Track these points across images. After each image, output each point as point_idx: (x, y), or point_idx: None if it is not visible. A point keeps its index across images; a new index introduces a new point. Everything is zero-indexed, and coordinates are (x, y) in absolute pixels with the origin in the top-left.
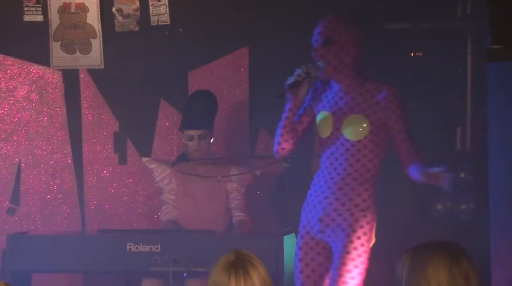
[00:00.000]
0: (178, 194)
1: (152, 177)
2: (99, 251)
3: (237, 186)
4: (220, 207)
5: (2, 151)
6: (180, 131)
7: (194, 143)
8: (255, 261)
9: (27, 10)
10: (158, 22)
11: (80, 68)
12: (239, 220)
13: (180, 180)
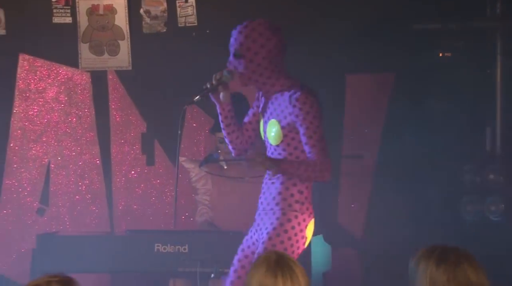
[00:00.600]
0: (214, 195)
1: (180, 177)
2: (127, 252)
3: None
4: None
5: (31, 152)
6: (211, 133)
7: (225, 145)
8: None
9: (56, 12)
10: (185, 23)
11: (108, 69)
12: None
13: (216, 181)
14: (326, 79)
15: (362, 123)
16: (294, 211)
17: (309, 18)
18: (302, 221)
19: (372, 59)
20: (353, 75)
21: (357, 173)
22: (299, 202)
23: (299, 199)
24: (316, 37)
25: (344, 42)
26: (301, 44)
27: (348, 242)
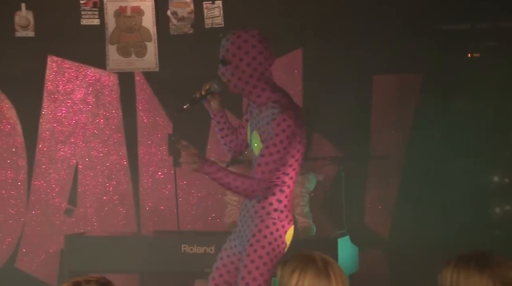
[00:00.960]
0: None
1: (207, 178)
2: (154, 252)
3: (300, 192)
4: None
5: (59, 153)
6: None
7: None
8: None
9: (84, 14)
10: (212, 24)
11: (136, 71)
12: (304, 227)
13: None
14: (353, 80)
15: (389, 124)
16: (272, 218)
17: (335, 19)
18: (281, 228)
19: (400, 59)
20: (380, 75)
21: (384, 174)
22: (277, 210)
23: (277, 208)
24: (343, 38)
25: (371, 43)
26: (328, 45)
27: (375, 243)
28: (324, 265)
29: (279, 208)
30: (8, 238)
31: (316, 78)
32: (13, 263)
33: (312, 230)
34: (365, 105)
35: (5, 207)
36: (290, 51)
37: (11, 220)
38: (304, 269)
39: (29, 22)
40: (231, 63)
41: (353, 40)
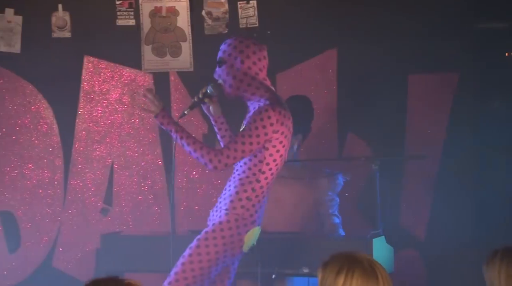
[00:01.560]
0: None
1: None
2: None
3: (327, 192)
4: (308, 211)
5: (95, 153)
6: None
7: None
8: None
9: (120, 15)
10: (246, 24)
11: (170, 71)
12: (332, 228)
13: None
14: (388, 80)
15: (425, 123)
16: (236, 214)
17: (370, 18)
18: (243, 226)
19: (436, 59)
20: (416, 75)
21: (420, 173)
22: (244, 208)
23: (244, 205)
24: (378, 37)
25: (407, 42)
26: (363, 44)
27: (411, 243)
28: (370, 265)
29: (246, 206)
30: (45, 237)
31: (351, 78)
32: (50, 262)
33: (338, 230)
34: (400, 105)
35: (42, 206)
36: (325, 50)
37: (48, 219)
38: (350, 270)
39: (66, 23)
40: (226, 63)
41: (388, 39)
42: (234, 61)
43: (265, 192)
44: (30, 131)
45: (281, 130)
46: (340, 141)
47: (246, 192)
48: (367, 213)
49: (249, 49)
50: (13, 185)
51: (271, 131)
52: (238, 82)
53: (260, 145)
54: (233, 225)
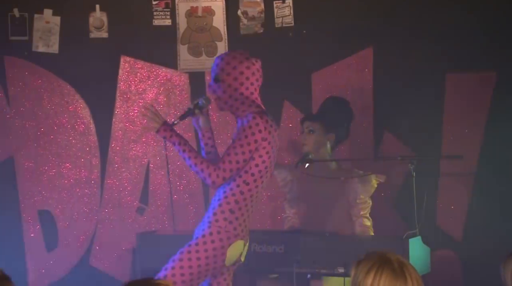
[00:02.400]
0: (300, 199)
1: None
2: None
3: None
4: (342, 211)
5: (132, 152)
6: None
7: (303, 136)
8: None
9: (156, 15)
10: (282, 24)
11: (206, 70)
12: (362, 230)
13: (301, 185)
14: (425, 78)
15: (463, 123)
16: (218, 227)
17: (407, 16)
18: (226, 239)
19: (474, 57)
20: (453, 74)
21: (457, 173)
22: (227, 220)
23: (227, 217)
24: (415, 35)
25: (444, 40)
26: (399, 42)
27: (448, 244)
28: (400, 266)
29: (228, 218)
30: (82, 236)
31: (387, 77)
32: (87, 260)
33: (369, 232)
34: (438, 104)
35: (79, 205)
36: (361, 49)
37: (85, 218)
38: (380, 269)
39: (103, 23)
40: (224, 82)
41: (425, 37)
42: (233, 82)
43: (249, 205)
44: (67, 131)
45: (268, 139)
46: (376, 141)
47: (229, 204)
48: (403, 213)
49: (249, 70)
50: (51, 184)
51: (260, 138)
52: (233, 101)
53: (253, 152)
54: (215, 238)
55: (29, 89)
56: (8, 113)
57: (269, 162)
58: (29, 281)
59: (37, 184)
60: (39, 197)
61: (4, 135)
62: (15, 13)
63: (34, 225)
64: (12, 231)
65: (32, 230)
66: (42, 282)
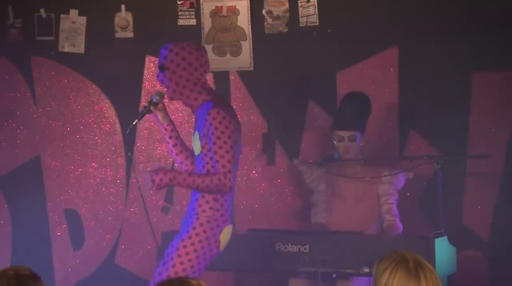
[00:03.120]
0: (328, 196)
1: (301, 177)
2: (249, 250)
3: (388, 189)
4: (370, 209)
5: (157, 152)
6: (331, 131)
7: (344, 144)
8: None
9: (181, 15)
10: (307, 23)
11: (230, 70)
12: (389, 224)
13: (330, 182)
14: (451, 77)
15: (489, 122)
16: (207, 216)
17: (432, 14)
18: (215, 226)
19: (500, 56)
20: (480, 73)
21: (483, 173)
22: (213, 209)
23: (213, 206)
24: (441, 34)
25: (470, 39)
26: (425, 41)
27: (474, 244)
28: (415, 266)
29: (214, 207)
30: (107, 235)
31: (413, 76)
32: (113, 259)
33: (398, 228)
34: (464, 103)
35: (105, 204)
36: (386, 48)
37: (111, 217)
38: (395, 269)
39: (129, 23)
40: (168, 69)
41: (451, 36)
42: (176, 68)
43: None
44: (93, 131)
45: (236, 128)
46: (402, 140)
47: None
48: (429, 213)
49: (191, 55)
50: (77, 183)
51: (233, 128)
52: (180, 88)
53: (237, 143)
54: (206, 227)
55: (55, 89)
56: (34, 113)
57: (240, 147)
58: (56, 280)
59: (63, 183)
60: (66, 196)
61: (31, 135)
62: (42, 13)
63: (60, 224)
64: (39, 230)
65: (58, 229)
66: (68, 280)
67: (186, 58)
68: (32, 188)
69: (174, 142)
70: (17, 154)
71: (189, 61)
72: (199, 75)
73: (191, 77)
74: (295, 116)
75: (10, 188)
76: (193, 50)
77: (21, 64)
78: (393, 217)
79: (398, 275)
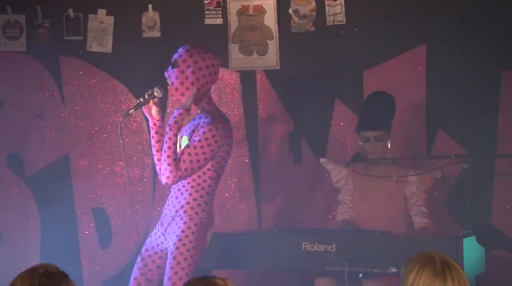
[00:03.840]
0: (355, 195)
1: (327, 176)
2: (276, 249)
3: (416, 191)
4: (397, 210)
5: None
6: (356, 132)
7: (370, 144)
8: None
9: (208, 14)
10: (333, 22)
11: (257, 69)
12: (421, 226)
13: (357, 181)
14: (480, 76)
15: None
16: (200, 218)
17: (460, 12)
18: (205, 227)
19: None
20: (509, 71)
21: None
22: (204, 211)
23: (204, 209)
24: (469, 32)
25: (499, 36)
26: (453, 40)
27: (503, 244)
28: (442, 266)
29: (205, 209)
30: (135, 234)
31: (441, 74)
32: None
33: (431, 231)
34: (493, 101)
35: (132, 203)
36: (414, 47)
37: (138, 215)
38: (421, 269)
39: (156, 23)
40: (178, 67)
41: (480, 34)
42: (186, 69)
43: (214, 194)
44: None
45: (226, 143)
46: (429, 139)
47: (203, 198)
48: (457, 213)
49: (204, 62)
50: (104, 182)
51: (216, 147)
52: (184, 89)
53: (209, 160)
54: (199, 228)
55: (83, 88)
56: (63, 113)
57: (228, 157)
58: (84, 278)
59: (91, 182)
60: (93, 194)
61: (59, 134)
62: (70, 13)
63: (88, 223)
64: (67, 229)
65: (86, 227)
66: (96, 279)
67: (198, 63)
68: (60, 187)
69: (158, 138)
70: (46, 153)
71: (200, 67)
72: (204, 83)
73: (197, 81)
74: (322, 115)
75: (39, 187)
76: (208, 59)
77: (50, 64)
78: (425, 220)
79: (424, 275)
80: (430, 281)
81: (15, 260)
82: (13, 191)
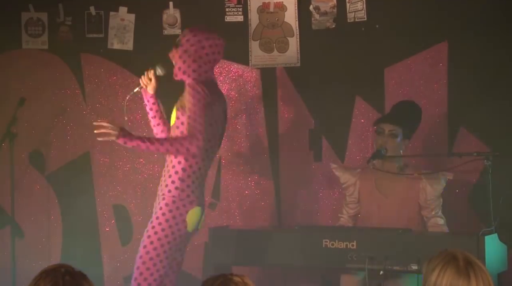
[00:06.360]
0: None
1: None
2: (296, 246)
3: (428, 198)
4: (412, 211)
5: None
6: (373, 126)
7: (383, 138)
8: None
9: (229, 11)
10: (354, 18)
11: (277, 66)
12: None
13: (365, 187)
14: (502, 73)
15: None
16: (172, 196)
17: (482, 8)
18: (182, 206)
19: None
20: None
21: None
22: (178, 189)
23: (178, 186)
24: (491, 29)
25: None
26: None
27: None
28: (465, 265)
29: (180, 187)
30: None
31: (462, 71)
32: None
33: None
34: None
35: (152, 200)
36: (435, 44)
37: None
38: (444, 267)
39: (176, 20)
40: (182, 46)
41: (501, 30)
42: (190, 47)
43: (197, 172)
44: (141, 127)
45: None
46: (451, 136)
47: (177, 174)
48: (479, 210)
49: (208, 41)
50: (125, 179)
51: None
52: (185, 67)
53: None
54: (172, 207)
55: (105, 86)
56: (84, 110)
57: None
58: (105, 274)
59: (112, 179)
60: (114, 191)
61: (81, 131)
62: (92, 11)
63: (109, 219)
64: (88, 225)
65: (107, 224)
66: (117, 275)
67: (201, 42)
68: (81, 184)
69: (153, 114)
70: (67, 150)
71: (203, 45)
72: (206, 61)
73: (199, 59)
74: (342, 112)
75: (60, 183)
76: (212, 38)
77: (71, 62)
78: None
79: (447, 274)
80: (454, 279)
81: (36, 257)
82: (34, 188)
